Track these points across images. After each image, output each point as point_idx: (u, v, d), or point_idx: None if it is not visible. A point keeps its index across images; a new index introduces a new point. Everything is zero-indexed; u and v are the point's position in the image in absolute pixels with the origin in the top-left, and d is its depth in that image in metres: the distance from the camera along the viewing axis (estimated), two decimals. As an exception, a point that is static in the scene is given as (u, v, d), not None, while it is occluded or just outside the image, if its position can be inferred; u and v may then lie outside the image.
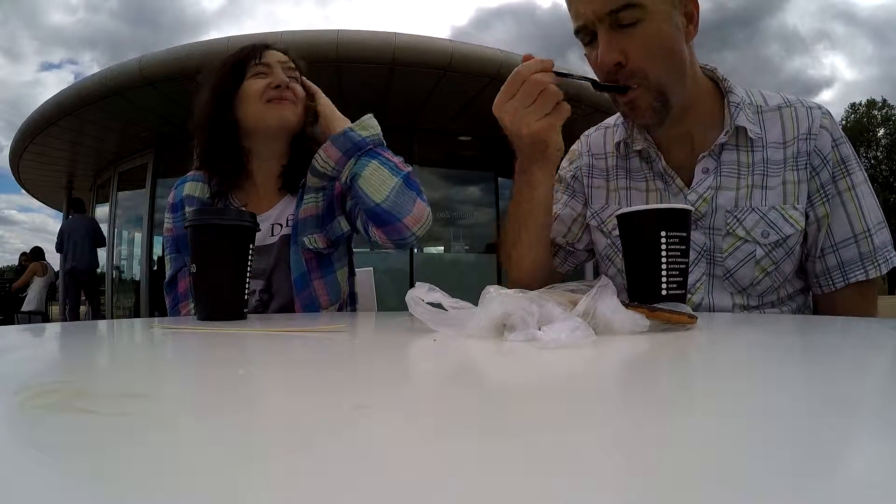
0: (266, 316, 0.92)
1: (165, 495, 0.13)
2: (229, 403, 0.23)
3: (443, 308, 0.48)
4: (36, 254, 6.85)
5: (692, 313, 0.48)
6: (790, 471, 0.14)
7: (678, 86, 0.75)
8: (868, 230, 0.77)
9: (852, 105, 33.17)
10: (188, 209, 1.02)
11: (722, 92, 0.81)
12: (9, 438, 0.18)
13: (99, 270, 7.17)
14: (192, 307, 0.97)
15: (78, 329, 0.69)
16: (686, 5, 0.74)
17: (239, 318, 0.72)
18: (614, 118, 0.93)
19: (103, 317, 7.02)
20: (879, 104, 32.39)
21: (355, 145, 0.91)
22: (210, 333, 0.54)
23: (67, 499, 0.13)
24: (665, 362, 0.36)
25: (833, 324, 0.63)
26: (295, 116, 0.98)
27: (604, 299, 0.45)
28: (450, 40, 5.96)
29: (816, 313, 0.86)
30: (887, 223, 0.80)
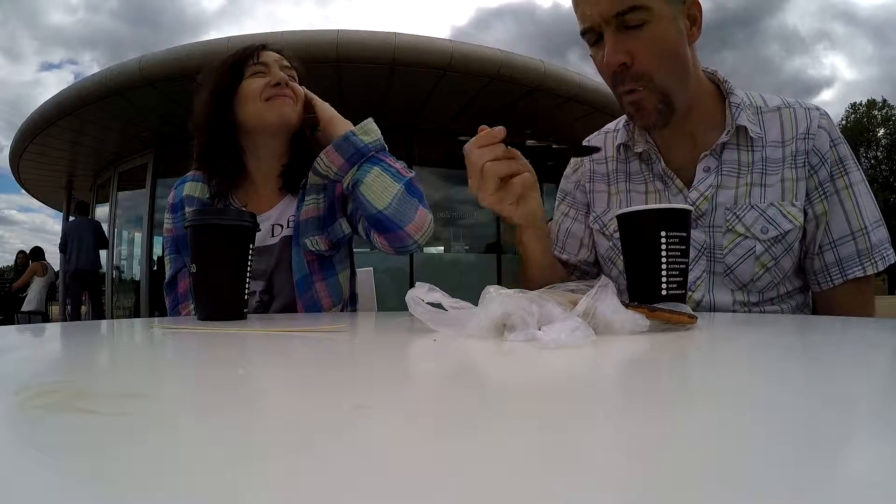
0: (266, 316, 0.92)
1: (165, 495, 0.13)
2: (229, 403, 0.23)
3: (443, 308, 0.48)
4: (36, 254, 6.85)
5: (692, 313, 0.48)
6: (790, 471, 0.14)
7: (682, 88, 0.76)
8: (865, 227, 0.78)
9: (852, 105, 33.20)
10: (188, 209, 1.02)
11: (723, 94, 0.82)
12: (9, 438, 0.18)
13: (100, 271, 7.17)
14: (193, 308, 0.97)
15: (78, 329, 0.69)
16: (689, 8, 0.75)
17: (239, 319, 0.72)
18: (615, 123, 0.95)
19: (103, 317, 7.02)
20: (879, 104, 32.38)
21: (358, 151, 0.90)
22: (210, 333, 0.54)
23: (67, 499, 0.13)
24: (665, 362, 0.36)
25: (833, 324, 0.63)
26: (294, 114, 0.98)
27: (604, 299, 0.45)
28: (450, 40, 5.96)
29: (816, 312, 0.87)
30: (888, 223, 0.81)
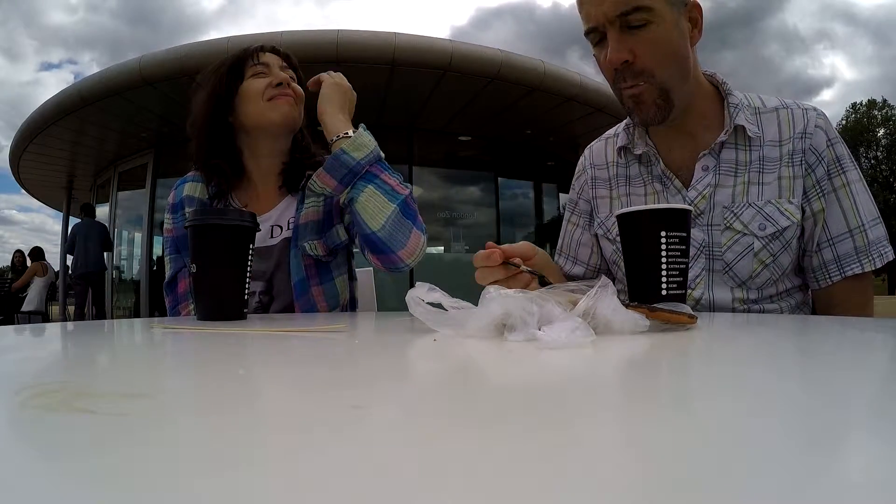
0: (266, 316, 0.92)
1: (165, 495, 0.13)
2: (229, 403, 0.23)
3: (443, 308, 0.48)
4: (36, 254, 6.85)
5: (692, 313, 0.48)
6: (791, 471, 0.14)
7: (681, 86, 0.78)
8: (863, 225, 0.79)
9: (853, 105, 33.17)
10: (188, 210, 1.02)
11: (722, 95, 0.84)
12: (9, 438, 0.18)
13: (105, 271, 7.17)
14: (193, 307, 0.96)
15: (78, 329, 0.69)
16: (690, 11, 0.78)
17: (239, 319, 0.72)
18: (614, 129, 0.97)
19: (103, 317, 7.02)
20: (880, 104, 32.36)
21: (350, 172, 0.87)
22: (210, 333, 0.54)
23: (67, 499, 0.13)
24: (665, 362, 0.36)
25: (832, 324, 0.63)
26: (296, 113, 0.99)
27: (604, 299, 0.45)
28: (450, 40, 5.96)
29: (816, 310, 0.88)
30: (888, 223, 0.81)
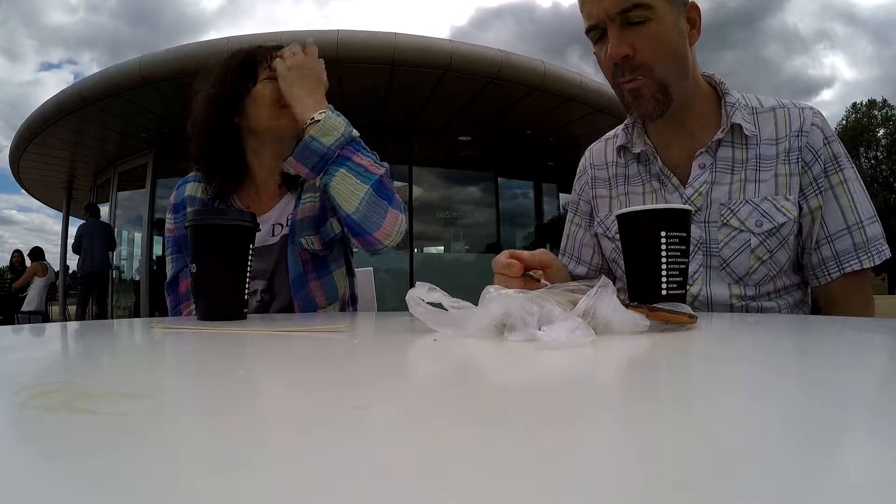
0: (266, 316, 0.92)
1: (165, 495, 0.13)
2: (229, 404, 0.23)
3: (443, 308, 0.48)
4: (36, 254, 6.85)
5: (692, 313, 0.48)
6: (791, 471, 0.14)
7: (679, 82, 0.80)
8: (861, 222, 0.80)
9: (854, 105, 33.14)
10: (189, 210, 1.02)
11: (719, 95, 0.86)
12: (9, 438, 0.18)
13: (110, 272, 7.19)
14: (194, 307, 0.96)
15: (78, 329, 0.69)
16: (689, 12, 0.80)
17: (239, 318, 0.72)
18: (614, 130, 0.99)
19: (104, 317, 7.03)
20: (880, 104, 32.34)
21: (322, 159, 0.86)
22: (210, 333, 0.54)
23: (67, 499, 0.13)
24: (665, 362, 0.36)
25: (833, 324, 0.63)
26: None
27: (604, 299, 0.45)
28: (450, 40, 5.96)
29: (815, 309, 0.89)
30: (888, 223, 0.82)
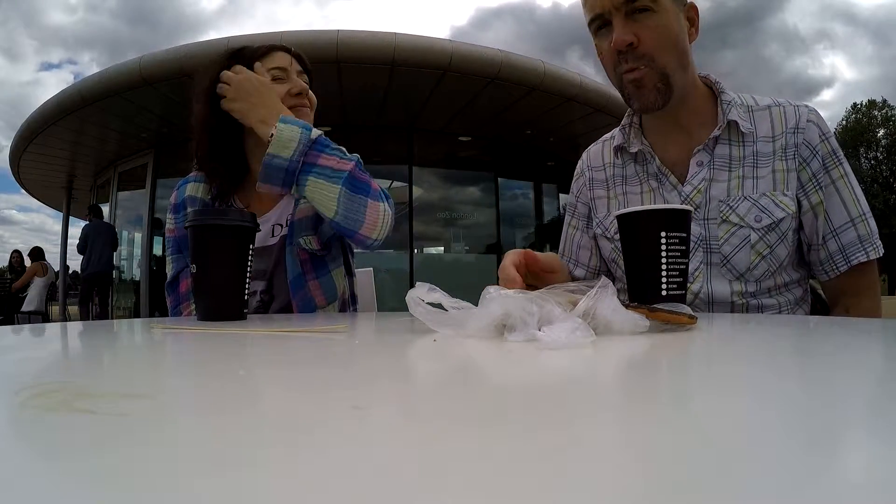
0: (266, 316, 0.92)
1: (165, 495, 0.13)
2: (229, 404, 0.23)
3: (443, 308, 0.48)
4: (36, 254, 6.85)
5: (692, 313, 0.48)
6: (790, 471, 0.14)
7: (680, 74, 0.81)
8: (864, 214, 0.81)
9: (854, 105, 33.14)
10: (190, 210, 1.02)
11: (715, 94, 0.87)
12: (9, 438, 0.18)
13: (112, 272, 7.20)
14: (194, 307, 0.96)
15: (78, 329, 0.69)
16: (688, 11, 0.82)
17: (239, 319, 0.72)
18: (611, 132, 1.00)
19: (105, 317, 7.03)
20: (880, 104, 32.31)
21: (287, 172, 0.84)
22: (210, 333, 0.54)
23: (67, 499, 0.13)
24: (665, 363, 0.36)
25: (833, 325, 0.63)
26: (310, 122, 0.99)
27: (604, 299, 0.45)
28: (450, 40, 5.97)
29: (820, 305, 0.90)
30: (888, 223, 0.83)
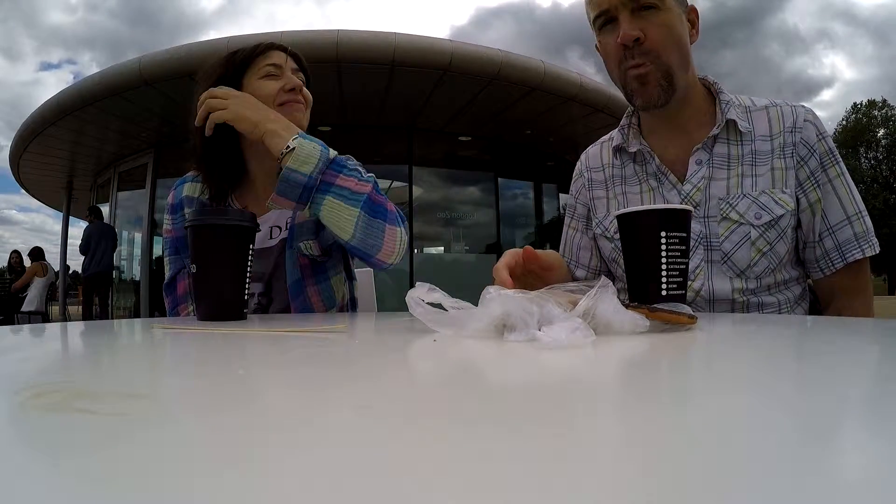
0: (266, 316, 0.92)
1: (165, 495, 0.13)
2: (229, 403, 0.23)
3: (443, 308, 0.48)
4: (36, 254, 6.85)
5: (692, 313, 0.48)
6: (790, 471, 0.14)
7: (682, 72, 0.83)
8: (860, 212, 0.82)
9: (854, 105, 33.13)
10: (187, 210, 1.01)
11: (713, 94, 0.89)
12: (9, 438, 0.18)
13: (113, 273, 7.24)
14: (192, 309, 0.96)
15: (78, 329, 0.69)
16: (690, 14, 0.84)
17: (239, 319, 0.72)
18: (609, 134, 1.01)
19: (106, 317, 7.03)
20: (879, 104, 32.30)
21: (304, 189, 0.81)
22: (210, 333, 0.54)
23: (67, 499, 0.13)
24: (665, 363, 0.36)
25: (833, 325, 0.63)
26: (305, 121, 0.98)
27: (604, 299, 0.45)
28: (450, 40, 5.97)
29: (818, 300, 0.90)
30: (888, 223, 0.83)
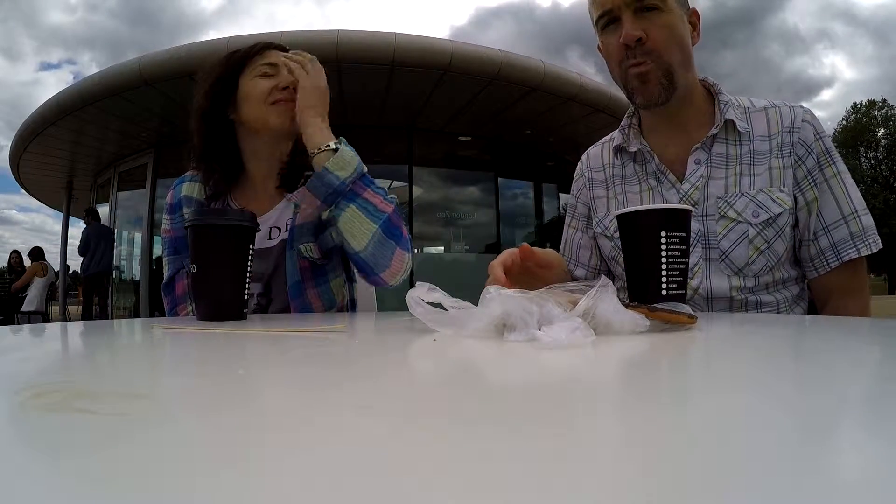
0: (266, 316, 0.92)
1: (165, 495, 0.13)
2: (229, 403, 0.23)
3: (443, 308, 0.48)
4: (36, 254, 6.85)
5: (692, 313, 0.48)
6: (789, 470, 0.14)
7: (683, 72, 0.84)
8: (856, 211, 0.82)
9: (854, 105, 33.12)
10: (186, 210, 1.01)
11: (713, 95, 0.89)
12: (9, 438, 0.18)
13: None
14: (191, 309, 0.96)
15: (78, 329, 0.69)
16: (691, 16, 0.86)
17: (239, 319, 0.72)
18: (610, 135, 1.02)
19: (106, 317, 7.03)
20: (879, 104, 32.29)
21: (335, 192, 0.86)
22: (210, 333, 0.54)
23: (67, 499, 0.13)
24: (665, 362, 0.36)
25: (833, 325, 0.63)
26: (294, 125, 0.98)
27: (604, 299, 0.45)
28: (450, 40, 5.97)
29: (813, 299, 0.90)
30: (888, 223, 0.83)
